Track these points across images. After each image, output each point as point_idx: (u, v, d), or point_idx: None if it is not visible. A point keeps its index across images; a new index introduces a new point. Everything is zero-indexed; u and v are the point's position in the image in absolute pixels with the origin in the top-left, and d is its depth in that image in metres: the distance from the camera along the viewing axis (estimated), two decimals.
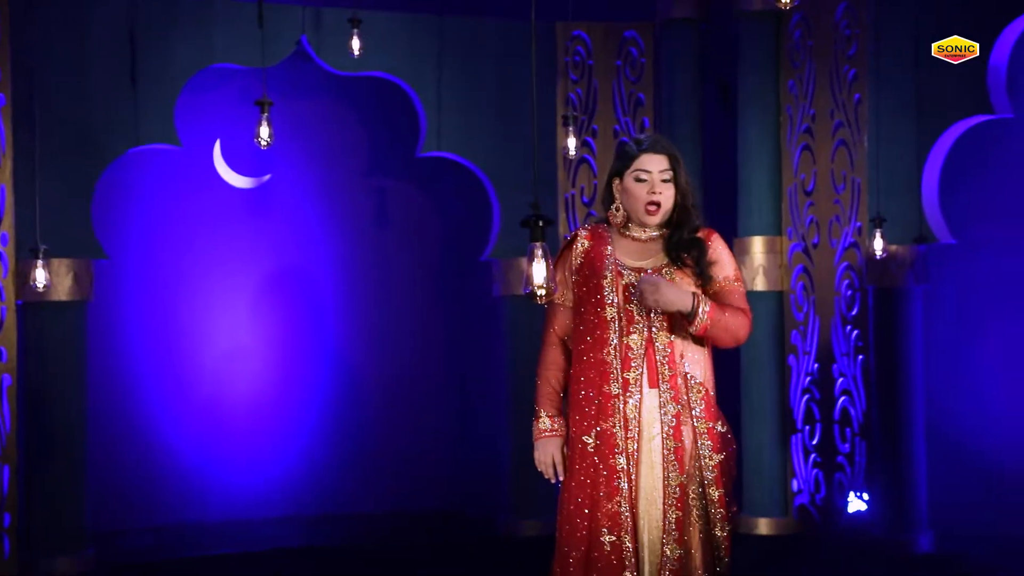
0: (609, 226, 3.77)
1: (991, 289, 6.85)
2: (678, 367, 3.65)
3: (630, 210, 3.70)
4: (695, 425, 3.66)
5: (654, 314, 3.63)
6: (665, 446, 3.63)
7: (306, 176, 8.09)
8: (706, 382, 3.72)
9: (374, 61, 6.86)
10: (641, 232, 3.72)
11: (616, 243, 3.73)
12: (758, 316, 7.03)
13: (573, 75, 7.29)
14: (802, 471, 6.98)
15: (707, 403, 3.69)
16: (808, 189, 6.97)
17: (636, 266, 3.68)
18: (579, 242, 3.76)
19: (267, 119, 4.90)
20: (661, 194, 3.64)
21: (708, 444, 3.67)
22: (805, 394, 6.96)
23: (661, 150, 3.69)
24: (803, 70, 6.96)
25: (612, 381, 3.63)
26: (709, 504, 3.64)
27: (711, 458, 3.67)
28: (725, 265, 3.70)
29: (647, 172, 3.66)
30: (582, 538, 3.64)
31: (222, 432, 7.82)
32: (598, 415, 3.64)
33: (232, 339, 7.87)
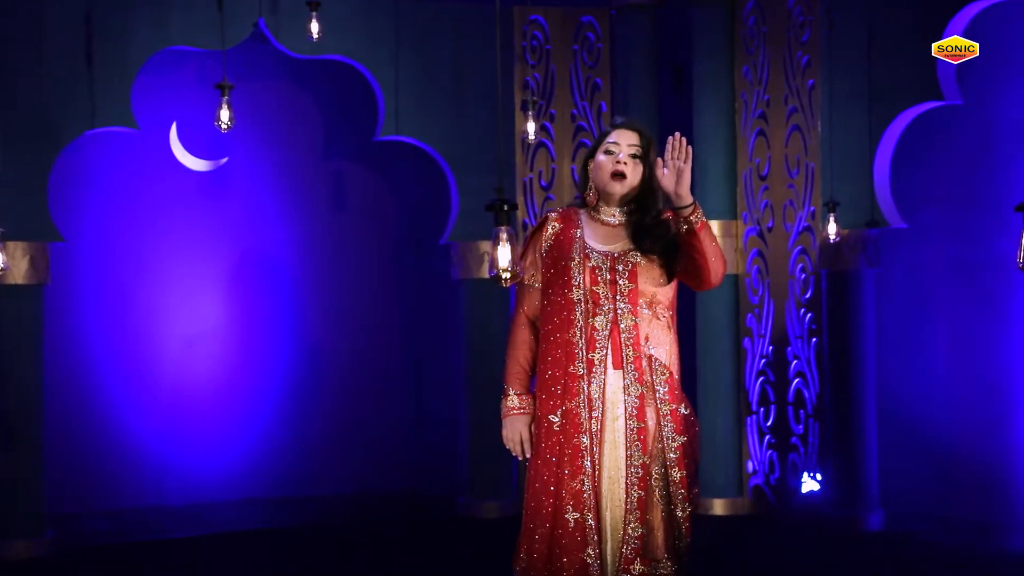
0: (582, 209, 3.82)
1: (940, 273, 6.96)
2: (642, 349, 3.71)
3: (597, 184, 3.76)
4: (659, 407, 3.72)
5: (619, 297, 3.69)
6: (628, 427, 3.69)
7: (264, 159, 8.07)
8: (670, 365, 3.77)
9: (332, 44, 6.86)
10: (611, 216, 3.78)
11: (586, 227, 3.78)
12: (714, 300, 7.17)
13: (531, 60, 7.33)
14: (757, 452, 7.08)
15: (671, 385, 3.75)
16: (763, 174, 7.05)
17: (604, 250, 3.74)
18: (550, 224, 3.81)
19: (227, 102, 4.90)
20: (626, 165, 3.70)
21: (671, 426, 3.73)
22: (760, 376, 7.06)
23: (633, 127, 3.77)
24: (757, 56, 7.04)
25: (577, 361, 3.69)
26: (671, 485, 3.71)
27: (674, 440, 3.73)
28: None
29: (615, 144, 3.73)
30: (547, 515, 3.69)
31: (181, 415, 7.81)
32: (564, 395, 3.69)
33: (190, 322, 7.85)
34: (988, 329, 6.73)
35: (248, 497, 7.89)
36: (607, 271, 3.71)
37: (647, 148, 3.76)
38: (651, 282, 3.71)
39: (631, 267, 3.70)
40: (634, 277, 3.70)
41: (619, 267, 3.71)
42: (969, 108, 6.48)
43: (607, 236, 3.77)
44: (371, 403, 8.29)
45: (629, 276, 3.70)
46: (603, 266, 3.71)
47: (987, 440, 6.67)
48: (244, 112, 7.97)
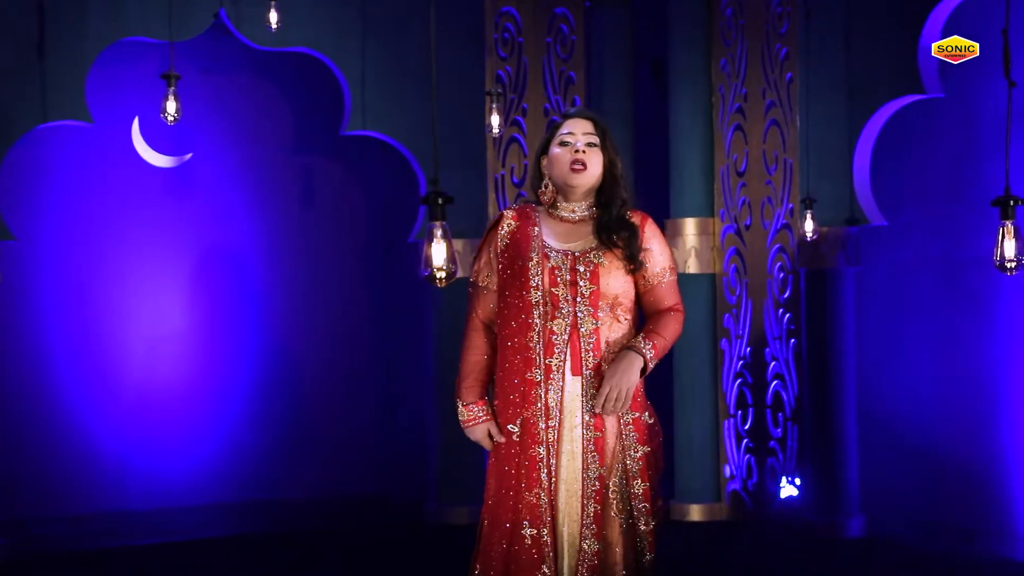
0: (539, 207, 3.64)
1: (922, 271, 6.78)
2: (603, 355, 3.52)
3: (556, 179, 3.58)
4: (620, 415, 3.53)
5: (580, 299, 3.50)
6: (586, 436, 3.50)
7: (229, 155, 7.86)
8: None
9: (296, 36, 6.65)
10: (571, 212, 3.59)
11: (544, 224, 3.60)
12: (691, 299, 6.96)
13: (502, 52, 7.12)
14: (734, 456, 6.90)
15: (633, 392, 3.56)
16: (740, 170, 6.86)
17: (563, 248, 3.55)
18: (505, 223, 3.62)
19: (174, 93, 4.69)
20: (585, 154, 3.52)
21: (633, 435, 3.55)
22: (738, 378, 6.87)
23: (585, 115, 3.61)
24: (735, 49, 6.85)
25: (535, 368, 3.50)
26: (633, 498, 3.52)
27: (636, 449, 3.55)
28: (657, 254, 3.60)
29: (570, 134, 3.55)
30: (504, 531, 3.51)
31: (144, 417, 7.59)
32: (522, 403, 3.51)
33: (154, 322, 7.63)
34: (972, 329, 6.56)
35: (213, 502, 7.68)
36: (567, 271, 3.52)
37: (604, 136, 3.58)
38: (614, 282, 3.52)
39: (593, 267, 3.51)
40: (596, 278, 3.51)
41: (580, 267, 3.52)
42: (951, 101, 6.29)
43: (567, 233, 3.58)
44: (340, 405, 8.09)
45: (591, 277, 3.51)
46: (563, 266, 3.52)
47: (971, 443, 6.51)
48: (209, 106, 7.78)
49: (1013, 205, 3.55)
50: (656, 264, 3.57)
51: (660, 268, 3.58)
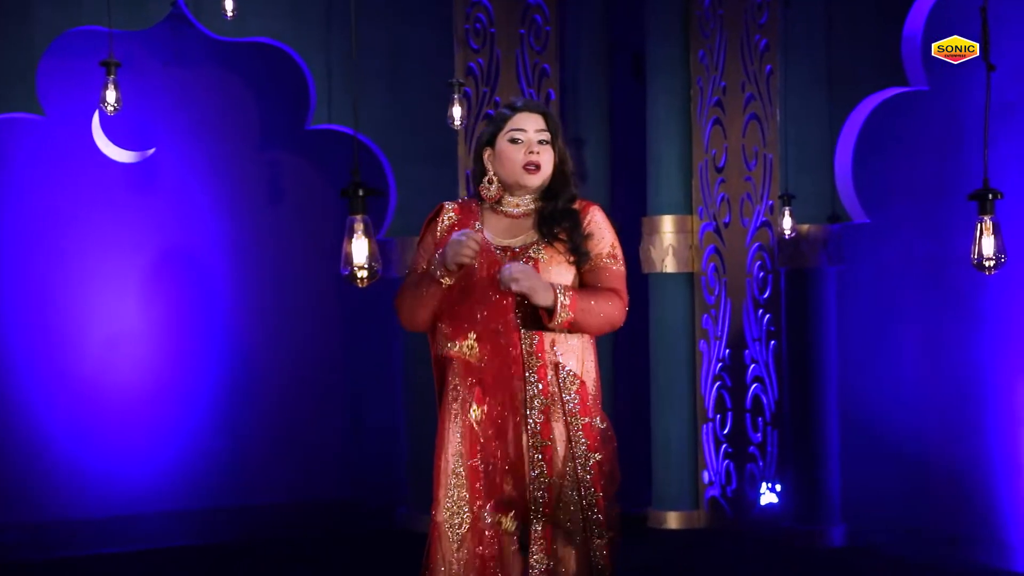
0: (481, 201, 3.41)
1: (907, 270, 6.56)
2: (547, 355, 3.28)
3: (505, 177, 3.34)
4: (568, 421, 3.30)
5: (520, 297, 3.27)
6: (531, 443, 3.27)
7: (193, 150, 7.64)
8: (583, 372, 3.35)
9: (257, 25, 6.40)
10: (514, 207, 3.37)
11: (486, 219, 3.38)
12: (668, 300, 6.74)
13: (474, 44, 6.88)
14: (713, 462, 6.66)
15: (583, 396, 3.32)
16: (719, 165, 6.63)
17: (504, 244, 3.32)
18: (445, 215, 3.39)
19: (114, 82, 4.45)
20: (539, 154, 3.29)
21: (584, 442, 3.31)
22: (716, 381, 6.64)
23: (536, 109, 3.38)
24: (713, 39, 6.61)
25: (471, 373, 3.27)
26: (585, 509, 3.29)
27: (588, 458, 3.32)
28: (600, 240, 3.34)
29: (522, 131, 3.31)
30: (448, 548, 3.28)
31: (104, 421, 7.38)
32: (462, 410, 3.27)
33: (116, 322, 7.41)
34: (958, 330, 6.34)
35: (176, 509, 7.46)
36: None
37: (555, 132, 3.35)
38: (556, 278, 3.29)
39: (533, 263, 3.27)
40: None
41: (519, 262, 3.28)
42: (936, 94, 6.06)
43: (509, 228, 3.36)
44: (308, 407, 7.86)
45: None
46: (501, 262, 3.28)
47: (957, 447, 6.29)
48: (172, 99, 7.56)
49: (991, 199, 3.31)
50: (596, 247, 3.32)
51: (598, 252, 3.32)
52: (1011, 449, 6.03)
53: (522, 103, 3.39)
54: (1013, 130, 5.97)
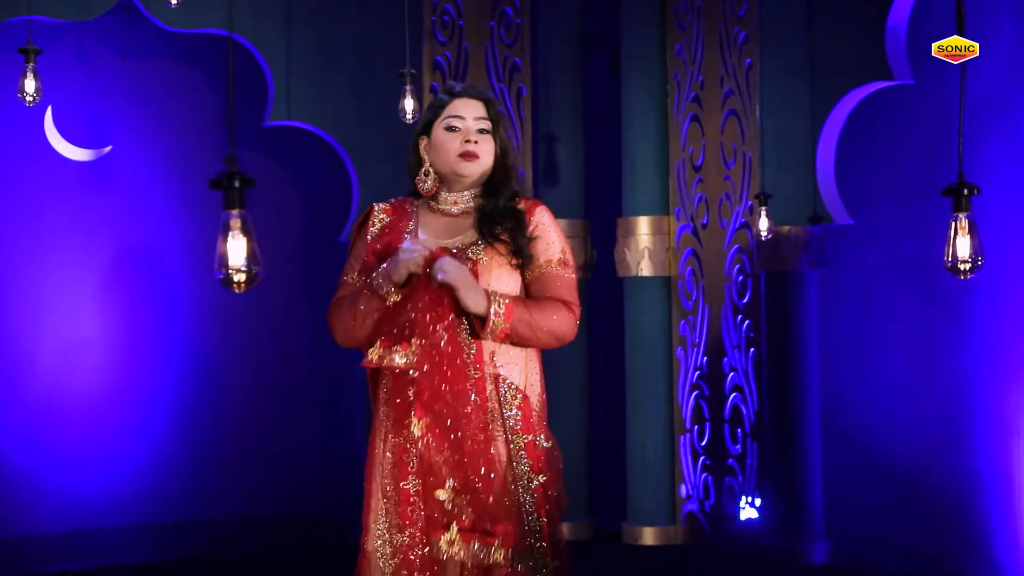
0: (418, 200, 3.13)
1: (893, 273, 6.26)
2: (486, 367, 2.98)
3: (440, 168, 3.06)
4: (509, 439, 3.01)
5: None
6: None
7: (151, 147, 7.33)
8: (526, 386, 3.06)
9: (211, 16, 6.10)
10: (452, 204, 3.08)
11: (421, 219, 3.09)
12: (644, 305, 6.43)
13: (441, 37, 6.58)
14: (691, 475, 6.36)
15: (525, 411, 3.03)
16: (697, 164, 6.33)
17: (441, 246, 3.02)
18: (375, 218, 3.13)
19: (33, 70, 4.14)
20: (477, 144, 3.00)
21: (527, 462, 3.01)
22: (694, 390, 6.34)
23: (476, 95, 3.09)
24: (691, 32, 6.32)
25: (408, 387, 2.98)
26: (528, 536, 2.99)
27: (531, 479, 3.02)
28: (549, 244, 3.05)
29: (460, 119, 3.03)
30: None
31: (57, 432, 7.05)
32: (394, 426, 2.98)
33: (70, 328, 7.10)
34: (946, 336, 6.05)
35: (133, 523, 7.15)
36: None
37: (496, 120, 3.06)
38: (497, 282, 2.99)
39: (471, 265, 2.98)
40: (474, 277, 2.98)
41: None
42: (922, 88, 5.77)
43: (446, 228, 3.07)
44: (274, 417, 7.55)
45: None
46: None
47: (945, 459, 6.00)
48: (129, 95, 7.26)
49: (967, 195, 3.01)
50: (544, 253, 3.03)
51: (547, 259, 3.03)
52: (1002, 461, 5.73)
53: (461, 88, 3.10)
54: (1005, 127, 5.70)
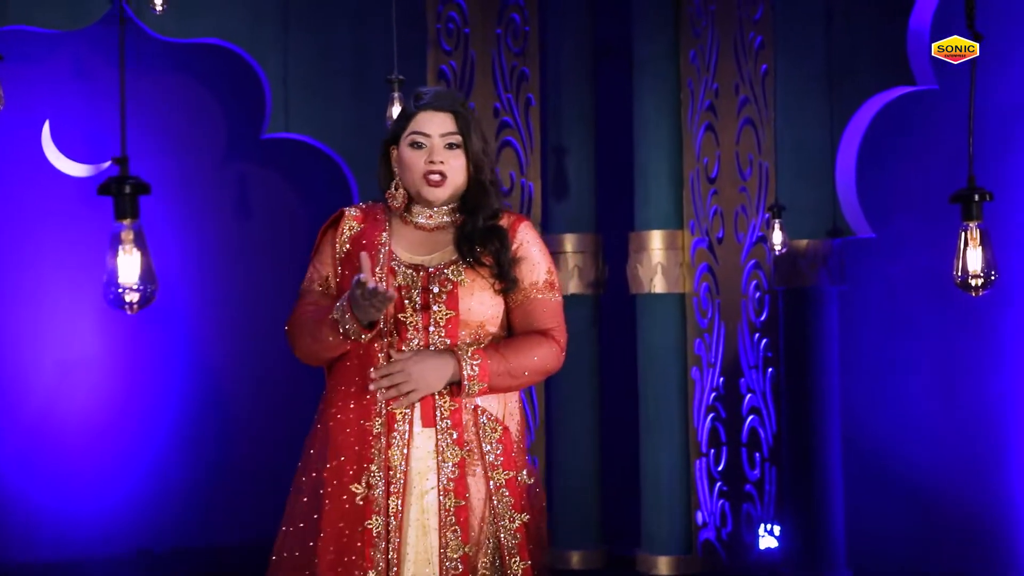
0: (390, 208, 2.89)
1: (917, 289, 5.97)
2: (464, 399, 2.74)
3: (409, 187, 2.82)
4: (489, 476, 2.75)
5: (434, 328, 2.73)
6: (443, 505, 2.72)
7: (153, 162, 7.09)
8: (506, 418, 2.81)
9: (205, 25, 5.91)
10: (427, 218, 2.83)
11: (395, 230, 2.84)
12: (658, 323, 6.16)
13: (446, 45, 6.36)
14: (707, 501, 6.08)
15: (506, 446, 2.78)
16: (712, 175, 6.07)
17: (415, 262, 2.79)
18: (346, 224, 2.88)
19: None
20: (444, 163, 2.76)
21: (508, 500, 2.76)
22: (710, 412, 6.07)
23: (444, 106, 2.81)
24: (705, 38, 6.06)
25: (374, 416, 2.74)
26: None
27: (512, 519, 2.76)
28: (534, 266, 2.80)
29: (424, 136, 2.78)
30: None
31: (54, 454, 6.84)
32: (356, 460, 2.73)
33: (68, 347, 6.89)
34: (975, 354, 5.77)
35: (134, 550, 6.93)
36: (417, 292, 2.75)
37: (467, 131, 2.80)
38: (479, 306, 2.75)
39: (450, 287, 2.73)
40: (454, 300, 2.73)
41: (434, 287, 2.74)
42: (947, 94, 5.48)
43: (422, 243, 2.82)
44: (280, 438, 7.26)
45: (447, 299, 2.74)
46: (412, 285, 2.75)
47: (973, 485, 5.72)
48: (130, 109, 7.05)
49: (979, 201, 2.74)
50: (529, 276, 2.79)
51: (532, 281, 2.79)
52: None
53: (426, 99, 2.82)
54: None
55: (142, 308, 2.13)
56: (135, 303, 2.15)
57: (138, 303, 2.15)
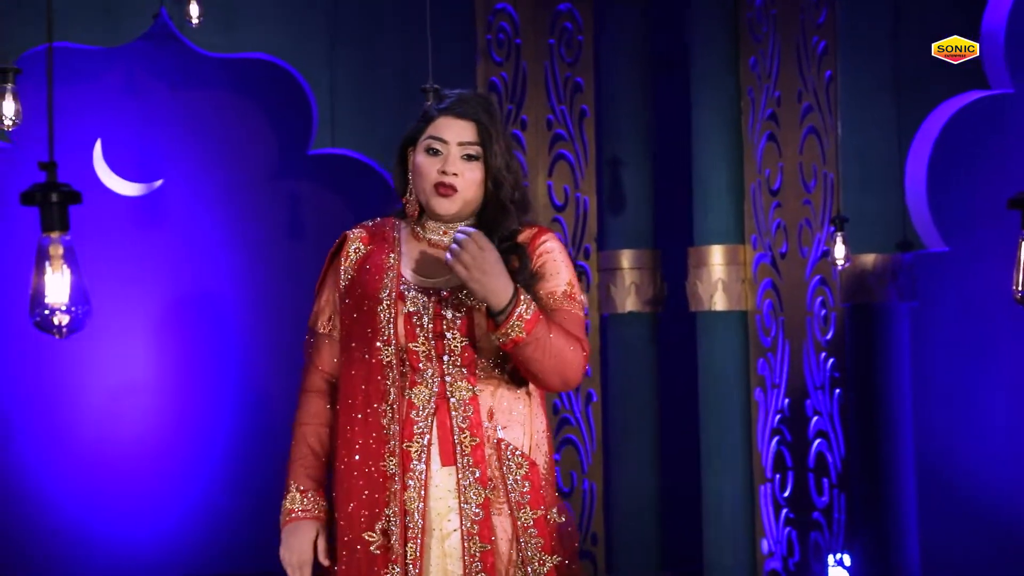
0: (403, 221, 2.68)
1: (995, 305, 5.66)
2: (485, 432, 2.52)
3: (419, 195, 2.61)
4: (515, 515, 2.53)
5: (449, 357, 2.51)
6: (467, 549, 2.50)
7: (204, 181, 7.01)
8: (532, 451, 2.58)
9: (250, 39, 5.77)
10: (441, 234, 2.62)
11: (405, 248, 2.63)
12: (719, 343, 5.90)
13: (497, 56, 6.16)
14: (772, 529, 5.80)
15: (534, 483, 2.55)
16: (774, 187, 5.80)
17: (427, 285, 2.57)
18: (350, 247, 2.68)
19: (12, 92, 3.79)
20: (458, 175, 2.54)
21: (537, 541, 2.54)
22: (775, 436, 5.78)
23: (467, 113, 2.57)
24: (766, 44, 5.80)
25: (387, 456, 2.52)
26: None
27: (543, 561, 2.54)
28: (552, 276, 2.56)
29: (442, 142, 2.56)
30: None
31: (106, 479, 6.75)
32: (369, 504, 2.53)
33: (119, 372, 6.80)
34: None
35: (185, 575, 6.81)
36: (429, 318, 2.53)
37: (488, 142, 2.57)
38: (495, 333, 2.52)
39: (464, 312, 2.51)
40: (468, 327, 2.51)
41: (447, 312, 2.52)
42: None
43: (434, 263, 2.60)
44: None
45: (461, 325, 2.51)
46: (424, 311, 2.53)
47: None
48: (181, 127, 6.97)
49: None
50: (548, 284, 2.55)
51: (548, 291, 2.54)
52: None
53: (450, 102, 2.61)
54: None
55: (72, 333, 1.93)
56: (64, 326, 1.96)
57: (67, 326, 1.96)
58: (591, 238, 6.21)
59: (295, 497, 2.64)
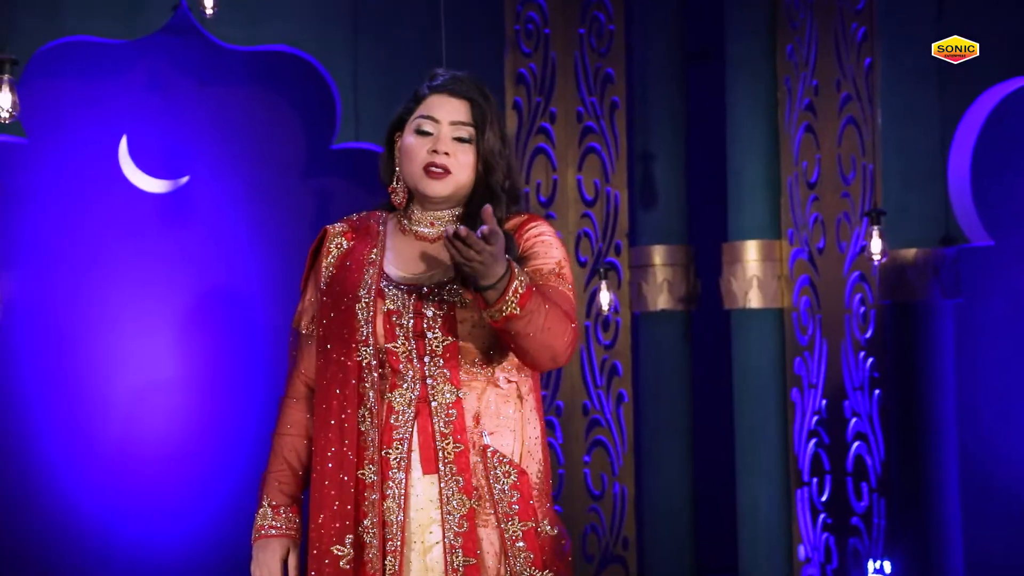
0: (388, 213, 2.52)
1: None
2: (470, 437, 2.36)
3: (407, 181, 2.44)
4: (503, 527, 2.36)
5: (430, 358, 2.35)
6: (451, 563, 2.34)
7: (232, 178, 6.91)
8: (522, 456, 2.41)
9: (271, 31, 5.66)
10: (427, 226, 2.45)
11: (389, 242, 2.47)
12: (753, 341, 5.71)
13: (525, 47, 5.99)
14: (810, 535, 5.59)
15: (524, 493, 2.39)
16: (811, 180, 5.59)
17: (409, 280, 2.41)
18: (331, 243, 2.53)
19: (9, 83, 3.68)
20: (449, 155, 2.38)
21: (526, 556, 2.37)
22: (812, 438, 5.57)
23: (460, 92, 2.42)
24: (803, 31, 5.59)
25: (366, 463, 2.36)
26: None
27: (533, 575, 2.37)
28: (542, 255, 2.38)
29: (433, 121, 2.40)
30: None
31: (132, 480, 6.66)
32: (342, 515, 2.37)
33: (145, 371, 6.71)
34: None
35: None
36: (409, 316, 2.37)
37: (481, 123, 2.41)
38: (482, 331, 2.35)
39: (447, 309, 2.35)
40: (451, 325, 2.35)
41: (428, 309, 2.36)
42: None
43: (420, 257, 2.43)
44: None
45: (443, 323, 2.35)
46: (404, 308, 2.37)
47: None
48: (209, 123, 6.86)
49: None
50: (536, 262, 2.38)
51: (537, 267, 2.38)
52: None
53: (443, 80, 2.46)
54: None
55: None
56: None
57: None
58: (622, 234, 6.03)
59: (266, 513, 2.51)
